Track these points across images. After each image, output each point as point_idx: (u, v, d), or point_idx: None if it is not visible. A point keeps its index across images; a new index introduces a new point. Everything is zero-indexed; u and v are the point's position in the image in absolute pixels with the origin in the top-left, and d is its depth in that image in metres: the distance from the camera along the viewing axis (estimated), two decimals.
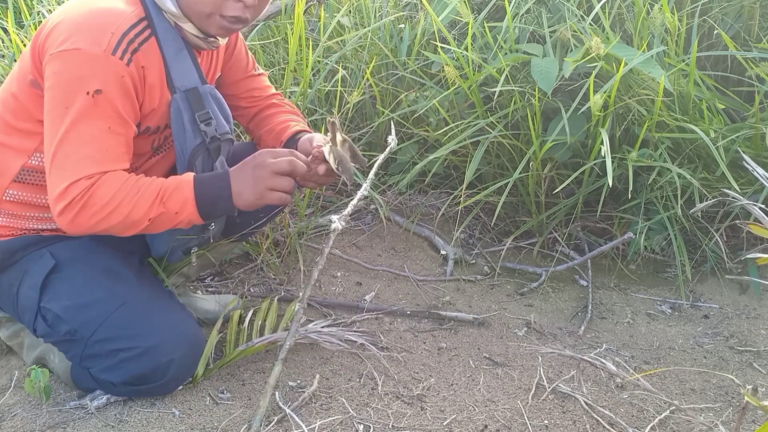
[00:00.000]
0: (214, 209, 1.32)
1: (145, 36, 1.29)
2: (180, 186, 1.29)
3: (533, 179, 2.09)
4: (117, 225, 1.28)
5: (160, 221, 1.29)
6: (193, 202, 1.29)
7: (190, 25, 1.35)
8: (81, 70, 1.22)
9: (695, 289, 2.04)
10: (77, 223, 1.26)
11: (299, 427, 1.36)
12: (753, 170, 1.17)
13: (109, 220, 1.26)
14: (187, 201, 1.29)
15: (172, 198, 1.28)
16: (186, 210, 1.29)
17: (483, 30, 2.12)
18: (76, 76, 1.22)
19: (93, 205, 1.24)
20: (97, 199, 1.24)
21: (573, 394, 1.51)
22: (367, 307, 1.87)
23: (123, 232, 1.30)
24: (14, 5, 2.60)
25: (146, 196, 1.27)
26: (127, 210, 1.26)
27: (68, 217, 1.25)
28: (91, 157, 1.24)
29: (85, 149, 1.24)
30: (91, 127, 1.24)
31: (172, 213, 1.29)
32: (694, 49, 1.90)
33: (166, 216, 1.29)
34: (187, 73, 1.37)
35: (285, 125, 1.59)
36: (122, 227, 1.29)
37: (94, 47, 1.22)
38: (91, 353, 1.38)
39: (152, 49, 1.31)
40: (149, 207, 1.27)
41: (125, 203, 1.25)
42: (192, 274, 1.77)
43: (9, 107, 1.35)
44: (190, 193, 1.29)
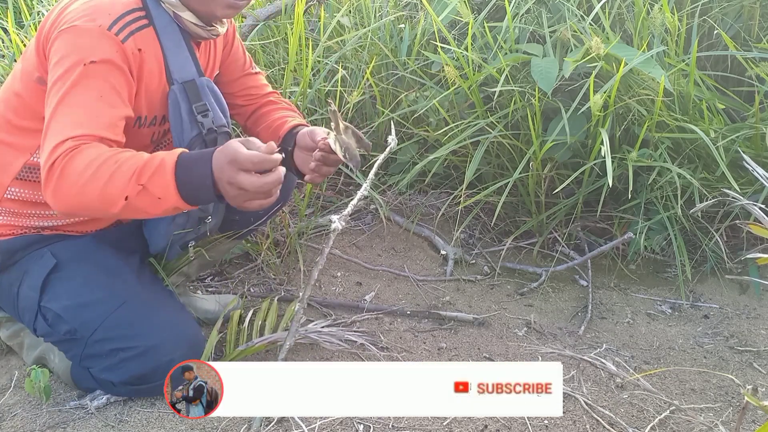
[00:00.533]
0: (197, 197, 1.18)
1: (142, 23, 1.30)
2: (161, 167, 1.15)
3: (533, 179, 2.09)
4: (94, 200, 1.16)
5: (139, 203, 1.16)
6: (175, 188, 1.15)
7: (189, 14, 1.36)
8: (77, 44, 1.23)
9: (695, 289, 2.04)
10: (58, 193, 1.17)
11: (299, 427, 1.36)
12: (753, 170, 1.17)
13: (86, 192, 1.15)
14: (168, 187, 1.15)
15: (153, 180, 1.15)
16: (169, 198, 1.16)
17: (483, 30, 2.12)
18: (73, 49, 1.23)
19: (69, 174, 1.15)
20: (72, 168, 1.15)
21: (573, 394, 1.51)
22: (367, 307, 1.87)
23: (103, 210, 1.18)
24: (14, 5, 2.60)
25: (124, 170, 1.15)
26: (101, 183, 1.14)
27: (50, 186, 1.17)
28: (79, 122, 1.20)
29: (74, 115, 1.20)
30: (82, 95, 1.22)
31: (154, 198, 1.16)
32: (694, 49, 1.90)
33: (146, 199, 1.16)
34: (185, 65, 1.37)
35: (282, 121, 1.59)
36: (99, 204, 1.17)
37: (89, 23, 1.23)
38: (91, 353, 1.39)
39: (150, 37, 1.32)
40: (125, 184, 1.14)
41: (101, 174, 1.15)
42: (192, 274, 1.77)
43: (11, 106, 1.35)
44: (171, 178, 1.15)
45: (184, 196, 1.16)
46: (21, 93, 1.34)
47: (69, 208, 1.20)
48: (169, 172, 1.15)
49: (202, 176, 1.15)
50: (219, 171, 1.14)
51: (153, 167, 1.15)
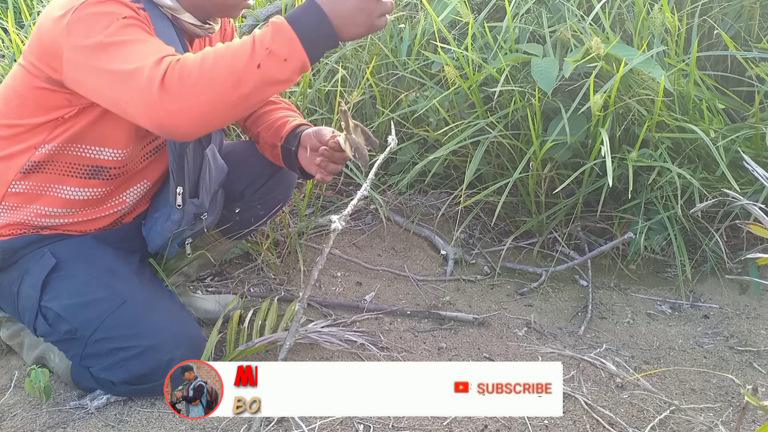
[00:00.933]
0: (319, 41, 1.15)
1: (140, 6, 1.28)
2: (278, 28, 1.13)
3: (533, 179, 2.09)
4: (226, 86, 1.10)
5: (269, 70, 1.12)
6: (299, 42, 1.13)
7: (188, 15, 1.36)
8: (98, 13, 1.18)
9: (695, 289, 2.04)
10: (183, 98, 1.09)
11: (299, 427, 1.36)
12: (753, 170, 1.17)
13: (215, 79, 1.09)
14: (293, 41, 1.12)
15: (275, 40, 1.12)
16: (295, 54, 1.13)
17: (483, 30, 2.12)
18: (96, 19, 1.18)
19: (190, 72, 1.09)
20: (190, 65, 1.10)
21: (573, 394, 1.51)
22: (367, 307, 1.87)
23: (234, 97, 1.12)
24: (14, 5, 2.60)
25: (238, 47, 1.12)
26: (227, 62, 1.10)
27: (173, 94, 1.09)
28: (155, 50, 1.14)
29: (145, 49, 1.15)
30: (137, 35, 1.17)
31: (280, 59, 1.12)
32: (694, 49, 1.90)
33: (274, 63, 1.12)
34: None
35: (283, 120, 1.59)
36: (231, 87, 1.10)
37: None
38: (91, 352, 1.39)
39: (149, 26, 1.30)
40: (251, 52, 1.11)
41: (221, 56, 1.11)
42: (192, 274, 1.77)
43: (12, 104, 1.35)
44: (292, 32, 1.12)
45: (307, 46, 1.13)
46: (22, 92, 1.33)
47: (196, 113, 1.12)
48: (288, 28, 1.13)
49: (318, 19, 1.14)
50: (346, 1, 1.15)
51: (269, 32, 1.13)
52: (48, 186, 1.38)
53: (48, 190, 1.39)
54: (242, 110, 1.17)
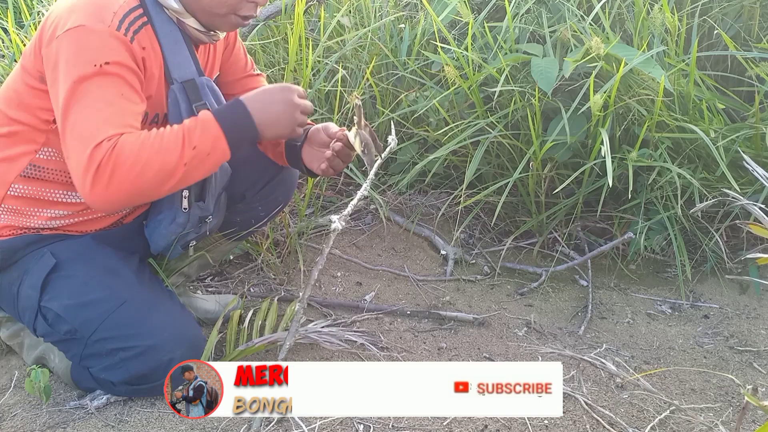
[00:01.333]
0: (242, 139, 1.29)
1: (142, 22, 1.30)
2: (205, 126, 1.25)
3: (533, 179, 2.09)
4: (153, 180, 1.21)
5: (193, 166, 1.24)
6: (224, 139, 1.25)
7: (192, 20, 1.36)
8: (87, 45, 1.22)
9: (695, 289, 2.04)
10: (111, 188, 1.19)
11: (299, 427, 1.36)
12: (753, 170, 1.17)
13: (144, 176, 1.20)
14: (218, 139, 1.25)
15: (201, 139, 1.24)
16: (218, 148, 1.25)
17: (483, 30, 2.12)
18: (83, 51, 1.22)
19: (123, 164, 1.18)
20: (124, 157, 1.19)
21: (573, 394, 1.51)
22: (367, 307, 1.87)
23: (159, 188, 1.24)
24: (14, 5, 2.60)
25: (171, 141, 1.22)
26: (158, 160, 1.20)
27: (101, 184, 1.18)
28: (108, 121, 1.21)
29: (101, 114, 1.21)
30: (104, 94, 1.22)
31: (204, 155, 1.24)
32: (694, 49, 1.90)
33: (198, 158, 1.24)
34: (185, 64, 1.37)
35: None
36: (158, 182, 1.22)
37: (98, 24, 1.23)
38: (91, 352, 1.39)
39: (150, 36, 1.31)
40: (180, 151, 1.22)
41: (154, 154, 1.20)
42: (192, 274, 1.77)
43: (12, 104, 1.35)
44: (218, 130, 1.25)
45: (230, 142, 1.27)
46: (20, 91, 1.34)
47: (121, 201, 1.23)
48: (215, 125, 1.25)
49: (243, 117, 1.29)
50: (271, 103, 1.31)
51: (196, 127, 1.25)
52: (49, 191, 1.38)
53: (49, 195, 1.39)
54: (161, 196, 1.30)
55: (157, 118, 1.40)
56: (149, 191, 1.24)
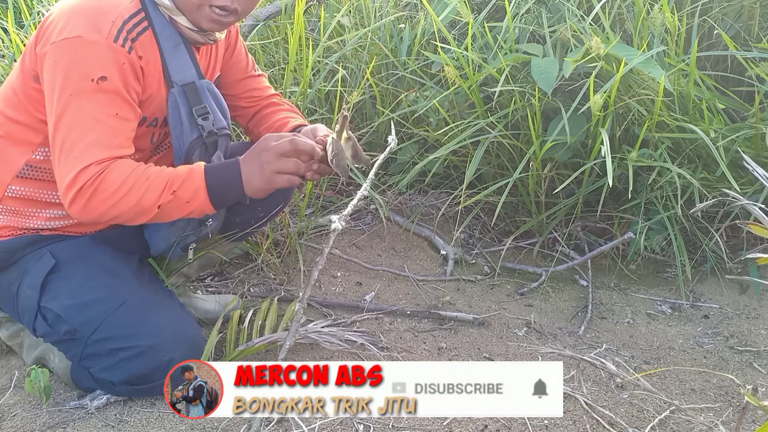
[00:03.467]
0: (226, 198, 1.33)
1: (142, 27, 1.30)
2: (191, 175, 1.29)
3: (533, 179, 2.09)
4: (127, 212, 1.26)
5: (169, 209, 1.29)
6: (205, 191, 1.29)
7: (183, 18, 1.35)
8: (83, 58, 1.22)
9: (695, 289, 2.04)
10: (88, 209, 1.24)
11: (299, 427, 1.36)
12: (753, 170, 1.17)
13: (119, 207, 1.25)
14: (199, 190, 1.29)
15: (183, 187, 1.28)
16: (197, 199, 1.29)
17: (483, 30, 2.12)
18: (79, 63, 1.22)
19: (103, 191, 1.23)
20: (107, 185, 1.23)
21: (573, 394, 1.51)
22: (367, 307, 1.87)
23: (132, 220, 1.29)
24: (14, 5, 2.60)
25: (156, 184, 1.26)
26: (136, 197, 1.25)
27: (79, 204, 1.24)
28: (99, 143, 1.24)
29: (93, 134, 1.23)
30: (97, 112, 1.23)
31: (183, 201, 1.28)
32: (694, 49, 1.90)
33: (175, 204, 1.28)
34: (185, 67, 1.37)
35: (284, 121, 1.59)
36: (132, 215, 1.27)
37: (95, 35, 1.22)
38: (91, 353, 1.39)
39: (149, 40, 1.31)
40: (159, 195, 1.26)
41: (135, 190, 1.25)
42: (192, 274, 1.77)
43: (10, 103, 1.35)
44: (201, 183, 1.29)
45: (212, 197, 1.30)
46: (17, 90, 1.34)
47: (94, 219, 1.28)
48: (199, 177, 1.29)
49: (231, 177, 1.31)
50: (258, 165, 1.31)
51: (183, 175, 1.29)
52: (46, 192, 1.38)
53: (46, 196, 1.39)
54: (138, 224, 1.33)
55: (156, 122, 1.40)
56: (123, 219, 1.29)
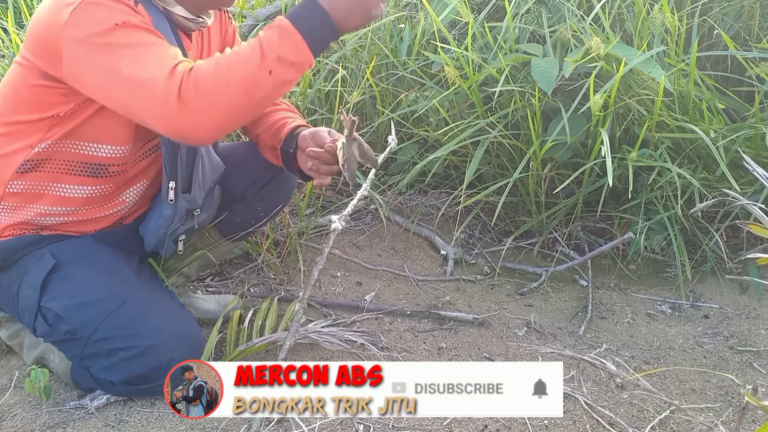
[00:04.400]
0: (323, 43, 1.20)
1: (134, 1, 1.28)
2: (283, 32, 1.15)
3: (533, 179, 2.09)
4: (241, 92, 1.14)
5: (279, 74, 1.15)
6: (305, 45, 1.16)
7: (180, 8, 1.35)
8: (97, 16, 1.18)
9: (695, 289, 2.04)
10: (201, 107, 1.12)
11: (299, 427, 1.36)
12: (753, 170, 1.17)
13: (230, 89, 1.13)
14: (299, 44, 1.16)
15: (283, 47, 1.15)
16: (302, 56, 1.17)
17: (483, 30, 2.12)
18: (97, 20, 1.18)
19: (206, 82, 1.12)
20: (203, 76, 1.12)
21: (573, 394, 1.51)
22: (367, 307, 1.87)
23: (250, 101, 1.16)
24: (14, 5, 2.60)
25: (247, 53, 1.15)
26: (239, 72, 1.13)
27: (189, 107, 1.11)
28: (163, 56, 1.16)
29: (151, 56, 1.16)
30: (142, 39, 1.18)
31: (289, 63, 1.15)
32: (694, 49, 1.90)
33: (284, 67, 1.15)
34: None
35: (283, 122, 1.59)
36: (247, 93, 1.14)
37: None
38: (91, 352, 1.39)
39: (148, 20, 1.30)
40: (260, 60, 1.14)
41: (233, 66, 1.14)
42: (192, 274, 1.77)
43: (9, 101, 1.35)
44: (299, 36, 1.16)
45: (312, 47, 1.17)
46: (19, 89, 1.33)
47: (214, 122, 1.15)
48: (294, 32, 1.16)
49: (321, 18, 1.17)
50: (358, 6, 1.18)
51: (276, 36, 1.15)
52: (47, 185, 1.38)
53: (47, 189, 1.38)
54: (255, 114, 1.22)
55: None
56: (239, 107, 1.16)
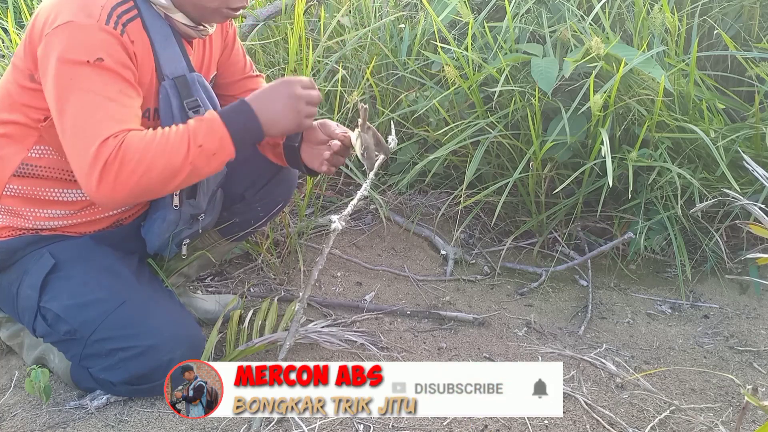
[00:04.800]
0: (247, 139, 1.31)
1: (132, 15, 1.29)
2: (211, 126, 1.26)
3: (533, 179, 2.09)
4: (158, 178, 1.22)
5: (199, 164, 1.25)
6: (229, 139, 1.27)
7: (180, 15, 1.35)
8: (77, 41, 1.21)
9: (695, 289, 2.04)
10: (118, 185, 1.19)
11: (299, 427, 1.36)
12: (753, 170, 1.17)
13: (150, 175, 1.21)
14: (224, 139, 1.26)
15: (207, 138, 1.25)
16: (224, 149, 1.27)
17: (483, 30, 2.12)
18: (74, 47, 1.21)
19: (129, 161, 1.19)
20: (131, 154, 1.19)
21: (573, 394, 1.51)
22: (367, 307, 1.87)
23: (165, 186, 1.25)
24: (14, 5, 2.60)
25: (177, 141, 1.23)
26: (164, 159, 1.21)
27: (108, 182, 1.19)
28: (110, 117, 1.21)
29: (101, 111, 1.21)
30: (101, 90, 1.22)
31: (210, 154, 1.25)
32: (694, 49, 1.90)
33: (203, 158, 1.25)
34: (175, 59, 1.36)
35: None
36: (164, 179, 1.23)
37: (86, 19, 1.22)
38: (91, 353, 1.39)
39: (139, 30, 1.30)
40: (186, 151, 1.23)
41: (160, 152, 1.21)
42: (192, 274, 1.77)
43: (5, 103, 1.35)
44: (224, 131, 1.26)
45: (236, 142, 1.28)
46: (12, 90, 1.34)
47: (127, 198, 1.23)
48: (221, 126, 1.27)
49: (248, 119, 1.30)
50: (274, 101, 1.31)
51: (201, 127, 1.26)
52: (44, 189, 1.38)
53: (44, 193, 1.39)
54: (165, 194, 1.33)
55: (149, 113, 1.39)
56: (155, 189, 1.25)
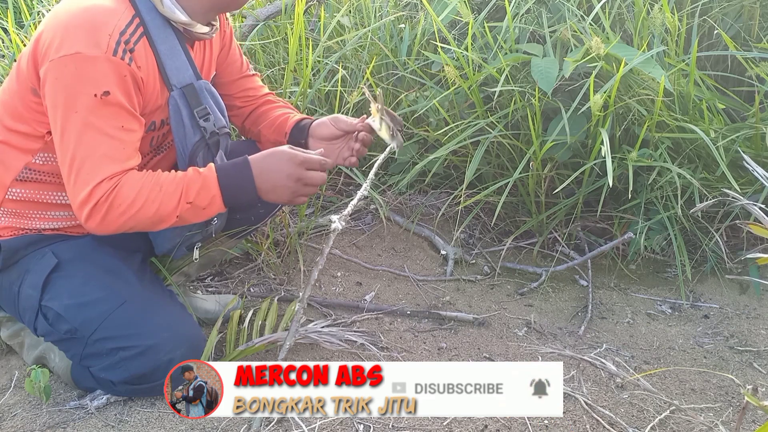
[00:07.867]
0: (239, 201, 1.37)
1: (138, 35, 1.29)
2: (206, 183, 1.31)
3: (533, 179, 2.09)
4: (145, 222, 1.29)
5: (187, 216, 1.32)
6: (220, 198, 1.32)
7: (200, 27, 1.37)
8: (85, 73, 1.21)
9: (695, 289, 2.04)
10: (105, 224, 1.27)
11: (299, 427, 1.36)
12: (753, 170, 1.17)
13: (137, 218, 1.28)
14: (215, 197, 1.32)
15: (199, 195, 1.30)
16: (214, 205, 1.33)
17: (483, 30, 2.12)
18: (81, 80, 1.21)
19: (119, 206, 1.25)
20: (122, 199, 1.25)
21: (573, 394, 1.51)
22: (367, 307, 1.87)
23: (151, 228, 1.32)
24: (14, 5, 2.60)
25: (170, 193, 1.28)
26: (153, 208, 1.27)
27: (96, 220, 1.26)
28: (109, 157, 1.25)
29: (101, 149, 1.24)
30: (104, 126, 1.24)
31: (200, 209, 1.32)
32: (694, 49, 1.90)
33: (192, 211, 1.31)
34: (182, 69, 1.37)
35: (284, 117, 1.60)
36: (150, 224, 1.30)
37: (94, 49, 1.21)
38: (91, 352, 1.39)
39: (145, 47, 1.31)
40: (176, 204, 1.29)
41: (150, 201, 1.27)
42: (192, 274, 1.78)
43: (8, 109, 1.35)
44: (217, 190, 1.32)
45: (227, 201, 1.33)
46: (16, 102, 1.34)
47: (114, 232, 1.30)
48: (214, 185, 1.31)
49: (245, 181, 1.33)
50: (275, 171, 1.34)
51: (197, 183, 1.31)
52: (47, 193, 1.39)
53: (47, 197, 1.39)
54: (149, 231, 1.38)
55: (154, 125, 1.40)
56: (141, 229, 1.32)
